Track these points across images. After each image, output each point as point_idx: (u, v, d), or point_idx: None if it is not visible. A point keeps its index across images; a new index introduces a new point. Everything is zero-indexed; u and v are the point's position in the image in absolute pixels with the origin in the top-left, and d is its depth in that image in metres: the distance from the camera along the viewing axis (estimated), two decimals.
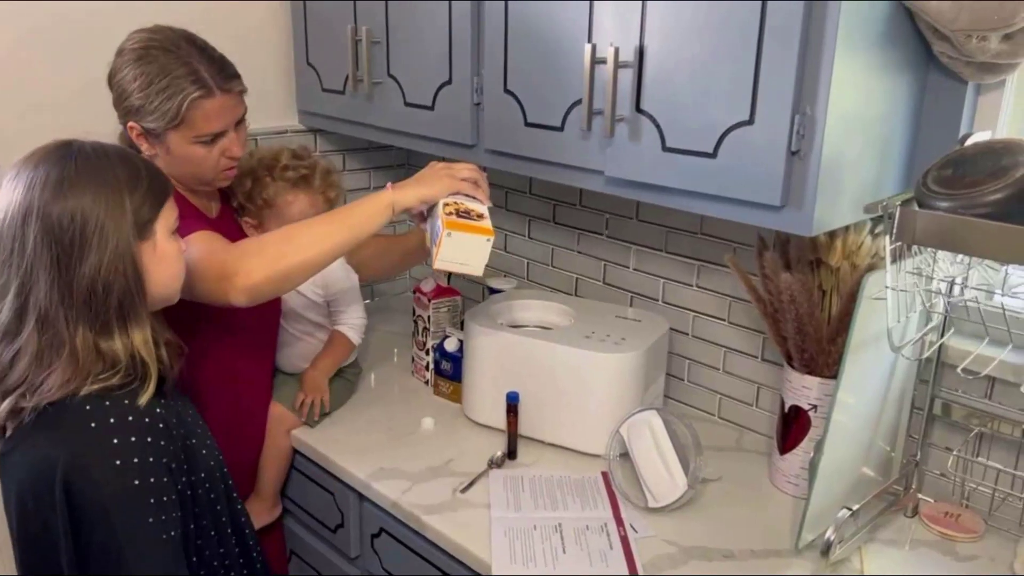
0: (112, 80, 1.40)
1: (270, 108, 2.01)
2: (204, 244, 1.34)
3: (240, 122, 1.46)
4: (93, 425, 1.05)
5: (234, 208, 1.63)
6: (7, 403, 1.05)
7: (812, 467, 1.27)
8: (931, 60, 1.30)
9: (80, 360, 1.05)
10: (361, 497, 1.56)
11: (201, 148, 1.40)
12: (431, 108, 1.66)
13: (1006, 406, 1.34)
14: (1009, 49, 1.19)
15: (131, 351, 1.08)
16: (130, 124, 1.39)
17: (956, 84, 1.30)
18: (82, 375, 1.05)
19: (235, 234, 1.58)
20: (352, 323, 1.74)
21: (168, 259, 1.14)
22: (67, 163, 1.06)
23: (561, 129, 1.43)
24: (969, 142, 1.20)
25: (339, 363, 1.75)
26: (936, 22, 1.19)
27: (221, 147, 1.42)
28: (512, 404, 1.55)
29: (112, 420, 1.06)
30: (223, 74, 1.40)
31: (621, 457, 1.51)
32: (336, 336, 1.74)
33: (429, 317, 1.81)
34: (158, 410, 1.11)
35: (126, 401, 1.08)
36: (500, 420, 1.59)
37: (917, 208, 1.11)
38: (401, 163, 2.29)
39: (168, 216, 1.15)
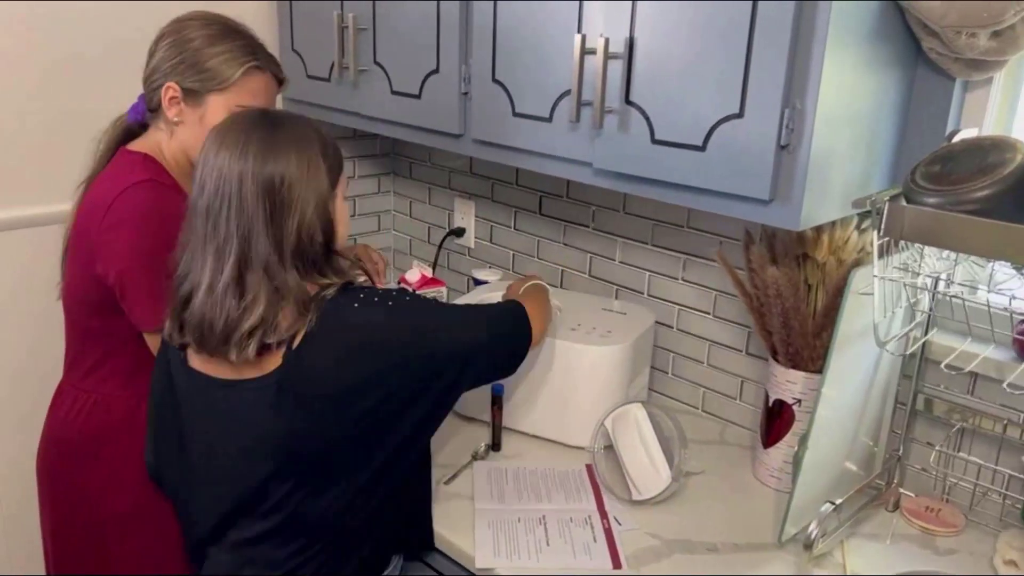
0: (159, 45, 1.40)
1: None
2: None
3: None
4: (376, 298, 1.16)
5: None
6: (253, 344, 1.10)
7: (796, 461, 1.27)
8: (920, 56, 1.30)
9: (302, 301, 1.12)
10: None
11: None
12: (418, 97, 1.65)
13: (988, 402, 1.35)
14: (997, 46, 1.19)
15: (342, 277, 1.17)
16: (168, 84, 1.37)
17: (944, 80, 1.30)
18: (306, 311, 1.13)
19: None
20: None
21: (344, 214, 1.23)
22: (270, 130, 1.13)
23: (549, 120, 1.42)
24: (957, 138, 1.20)
25: None
26: (926, 18, 1.19)
27: None
28: (497, 396, 1.54)
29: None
30: (273, 60, 1.47)
31: (606, 450, 1.51)
32: None
33: None
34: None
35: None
36: (485, 412, 1.59)
37: (905, 204, 1.11)
38: (387, 152, 2.27)
39: (344, 179, 1.23)
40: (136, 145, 1.43)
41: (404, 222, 2.33)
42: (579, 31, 1.33)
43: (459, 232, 2.13)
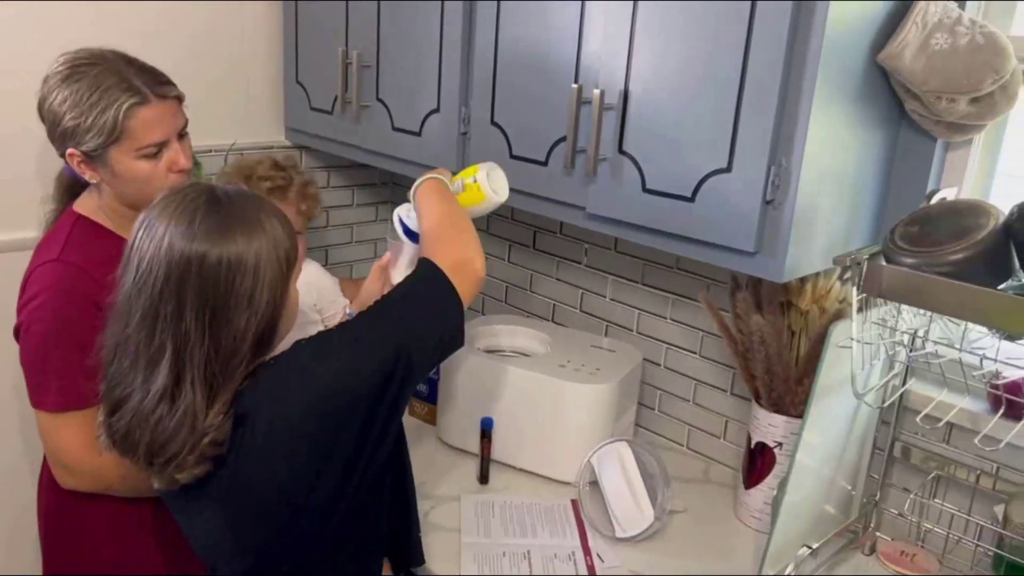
0: (43, 109, 1.33)
1: (257, 123, 2.03)
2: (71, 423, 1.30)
3: (183, 134, 1.39)
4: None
5: None
6: (175, 471, 1.03)
7: (775, 505, 1.31)
8: (903, 117, 1.35)
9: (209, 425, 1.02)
10: None
11: (146, 163, 1.33)
12: (418, 134, 1.69)
13: (962, 451, 1.39)
14: (976, 111, 1.24)
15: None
16: (69, 151, 1.31)
17: (926, 141, 1.35)
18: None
19: None
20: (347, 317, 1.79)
21: (295, 306, 1.12)
22: (214, 207, 1.02)
23: (545, 164, 1.47)
24: (935, 199, 1.25)
25: None
26: (908, 82, 1.24)
27: (167, 160, 1.35)
28: (486, 429, 1.58)
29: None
30: (156, 80, 1.33)
31: (591, 485, 1.54)
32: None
33: None
34: None
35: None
36: (473, 444, 1.62)
37: (884, 263, 1.15)
38: (385, 181, 2.32)
39: (300, 261, 1.12)
40: (79, 203, 1.40)
41: None
42: (576, 81, 1.38)
43: None
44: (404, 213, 1.37)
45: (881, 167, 1.37)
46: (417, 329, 1.10)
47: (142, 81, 1.31)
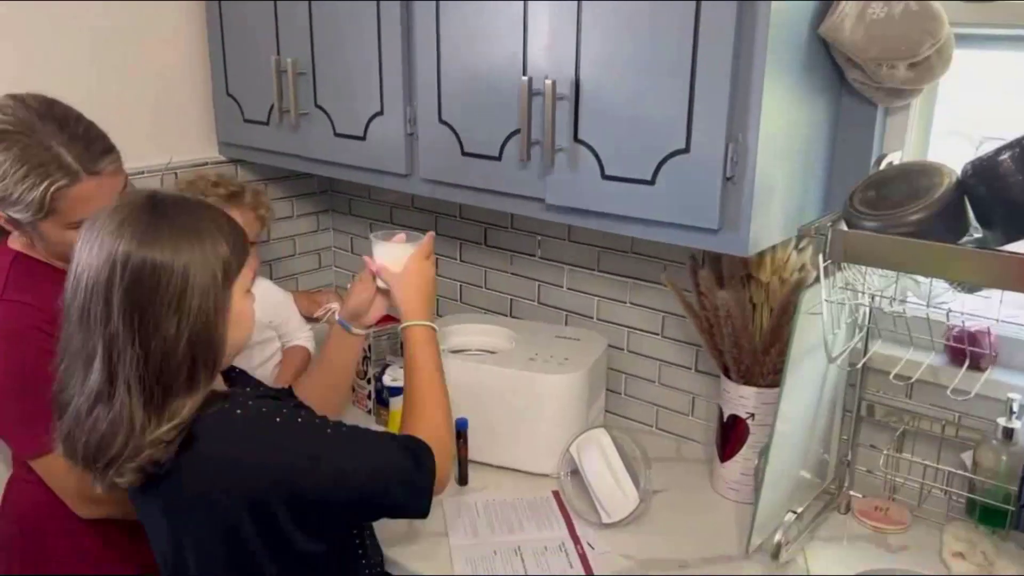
0: None
1: (189, 140, 1.96)
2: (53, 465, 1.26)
3: (124, 187, 1.30)
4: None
5: None
6: (115, 475, 1.03)
7: (758, 474, 1.33)
8: (844, 86, 1.39)
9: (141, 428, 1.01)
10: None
11: (78, 231, 1.17)
12: (363, 139, 1.66)
13: (926, 404, 1.45)
14: (915, 76, 1.28)
15: (185, 415, 1.04)
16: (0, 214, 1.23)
17: (867, 108, 1.39)
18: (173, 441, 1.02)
19: None
20: (304, 335, 1.77)
21: (243, 319, 1.10)
22: (152, 214, 1.02)
23: (499, 159, 1.46)
24: (884, 163, 1.29)
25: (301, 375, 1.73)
26: (850, 52, 1.28)
27: None
28: (461, 431, 1.56)
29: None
30: (89, 153, 1.22)
31: (572, 475, 1.54)
32: (292, 350, 1.76)
33: (370, 346, 1.80)
34: None
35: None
36: None
37: (846, 228, 1.18)
38: (324, 189, 2.27)
39: (248, 273, 1.10)
40: (13, 240, 1.33)
41: (345, 258, 2.33)
42: (524, 74, 1.38)
43: None
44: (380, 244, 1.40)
45: (827, 136, 1.41)
46: (380, 491, 1.13)
47: (74, 155, 1.20)
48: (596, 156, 1.34)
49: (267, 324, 1.76)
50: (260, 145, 1.88)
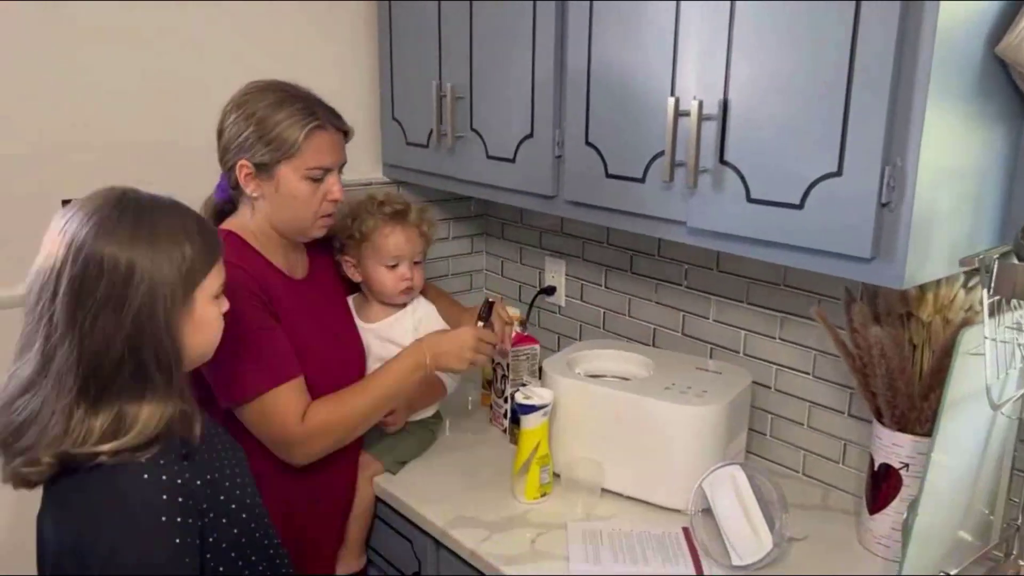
0: (224, 123, 1.45)
1: (357, 162, 2.05)
2: (279, 401, 1.41)
3: (342, 168, 1.51)
4: (110, 502, 1.01)
5: (334, 249, 1.69)
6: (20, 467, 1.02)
7: (906, 529, 1.22)
8: None
9: (75, 430, 1.00)
10: (438, 544, 1.56)
11: (308, 185, 1.44)
12: (512, 161, 1.70)
13: None
14: None
15: (148, 420, 1.03)
16: (241, 162, 1.43)
17: None
18: (78, 443, 1.01)
19: (324, 293, 1.63)
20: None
21: (205, 325, 1.10)
22: (116, 208, 1.03)
23: (643, 181, 1.44)
24: None
25: (428, 404, 1.77)
26: None
27: (324, 188, 1.46)
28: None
29: (130, 496, 1.01)
30: (333, 113, 1.48)
31: (703, 513, 1.47)
32: (431, 379, 1.76)
33: (508, 365, 1.82)
34: (179, 481, 1.04)
35: (145, 476, 1.02)
36: (580, 473, 1.58)
37: (1017, 261, 1.07)
38: (480, 213, 2.33)
39: (215, 280, 1.10)
40: (227, 223, 1.50)
41: (496, 281, 2.37)
42: (672, 94, 1.36)
43: (550, 291, 2.16)
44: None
45: (1005, 164, 1.29)
46: None
47: (323, 111, 1.45)
48: (742, 178, 1.29)
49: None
50: (420, 167, 1.97)
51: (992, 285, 1.07)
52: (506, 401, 1.82)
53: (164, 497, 1.01)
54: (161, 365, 1.03)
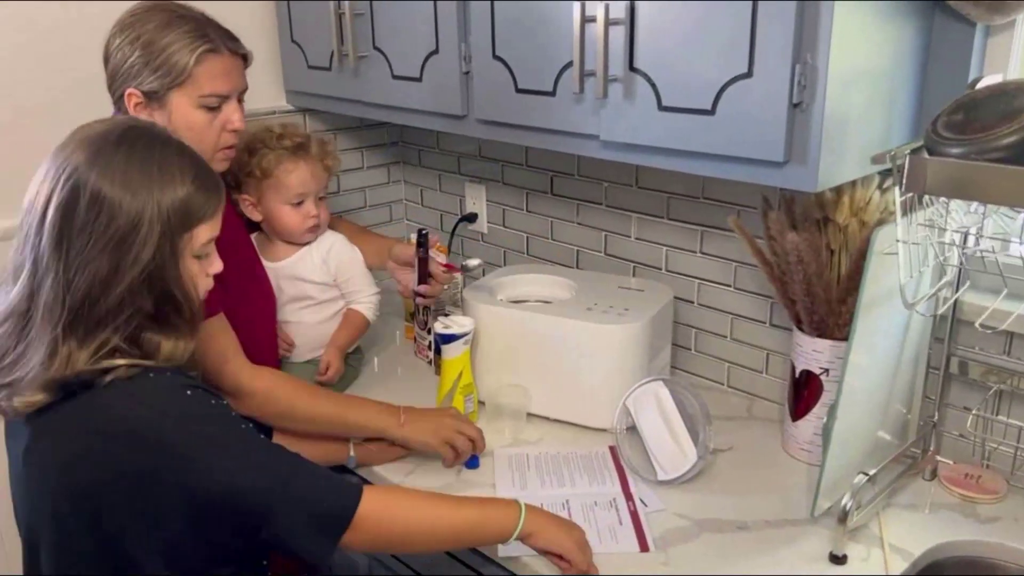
0: (110, 49, 1.33)
1: (257, 89, 1.91)
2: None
3: (242, 96, 1.40)
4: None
5: (230, 187, 1.58)
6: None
7: (826, 432, 1.22)
8: (936, 4, 1.24)
9: (61, 358, 0.97)
10: (363, 481, 1.52)
11: (203, 115, 1.33)
12: (419, 79, 1.61)
13: None
14: None
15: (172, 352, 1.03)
16: (129, 91, 1.31)
17: (964, 27, 1.24)
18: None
19: (231, 230, 1.53)
20: (366, 300, 1.72)
21: (199, 275, 1.07)
22: (116, 138, 0.99)
23: (553, 94, 1.38)
24: (980, 85, 1.14)
25: (354, 341, 1.72)
26: None
27: (223, 118, 1.36)
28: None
29: (171, 383, 1.03)
30: (228, 35, 1.36)
31: (629, 431, 1.46)
32: (351, 314, 1.71)
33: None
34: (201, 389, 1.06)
35: (169, 374, 1.03)
36: (503, 397, 1.55)
37: (927, 156, 1.05)
38: (394, 140, 2.24)
39: (203, 234, 1.04)
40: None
41: (416, 210, 2.30)
42: None
43: (471, 218, 2.10)
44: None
45: (917, 60, 1.26)
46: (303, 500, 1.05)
47: (216, 33, 1.33)
48: (652, 85, 1.24)
49: (331, 282, 1.71)
50: (324, 92, 1.86)
51: (904, 182, 1.05)
52: (429, 332, 1.78)
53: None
54: (178, 304, 1.02)
